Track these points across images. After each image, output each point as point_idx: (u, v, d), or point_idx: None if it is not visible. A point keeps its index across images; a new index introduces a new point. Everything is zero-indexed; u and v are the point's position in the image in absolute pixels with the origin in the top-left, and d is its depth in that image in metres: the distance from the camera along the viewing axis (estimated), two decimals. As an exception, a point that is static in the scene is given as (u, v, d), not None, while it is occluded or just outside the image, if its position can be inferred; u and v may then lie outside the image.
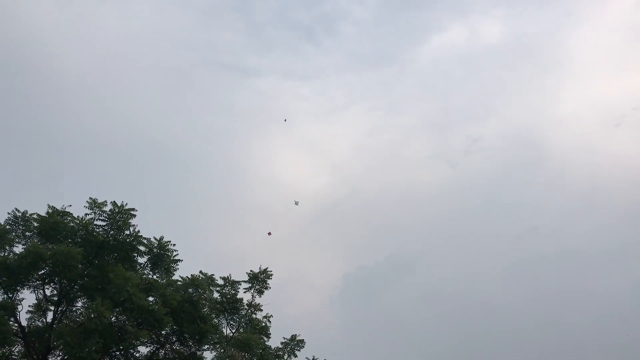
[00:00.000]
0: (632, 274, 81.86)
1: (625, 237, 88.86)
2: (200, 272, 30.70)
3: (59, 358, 27.02)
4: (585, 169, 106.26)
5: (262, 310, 32.91)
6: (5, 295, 27.16)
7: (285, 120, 70.09)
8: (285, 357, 32.26)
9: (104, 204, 27.73)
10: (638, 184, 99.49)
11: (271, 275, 33.22)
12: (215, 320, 31.14)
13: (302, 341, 32.76)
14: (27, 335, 27.25)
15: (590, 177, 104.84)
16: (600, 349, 67.80)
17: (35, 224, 28.01)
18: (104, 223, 27.80)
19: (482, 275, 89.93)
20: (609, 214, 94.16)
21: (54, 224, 27.23)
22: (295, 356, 32.39)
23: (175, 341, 29.34)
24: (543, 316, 78.72)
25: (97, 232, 27.69)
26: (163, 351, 29.70)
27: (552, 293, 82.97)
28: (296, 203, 36.97)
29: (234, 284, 32.39)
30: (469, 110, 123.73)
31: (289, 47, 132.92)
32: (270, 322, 32.96)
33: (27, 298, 28.21)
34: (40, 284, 27.97)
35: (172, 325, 27.70)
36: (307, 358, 32.04)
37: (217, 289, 31.78)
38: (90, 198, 27.67)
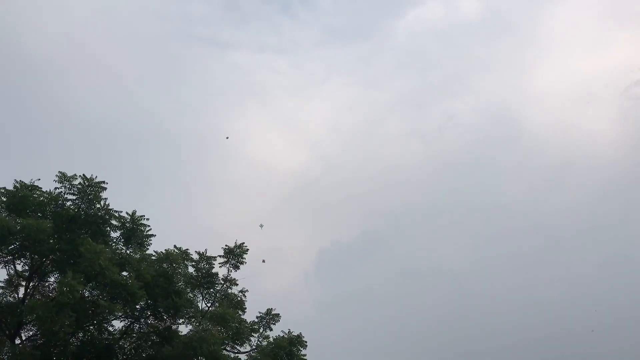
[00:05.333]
0: (601, 248, 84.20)
1: (595, 212, 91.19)
2: (175, 246, 30.58)
3: (31, 332, 26.89)
4: (557, 145, 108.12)
5: (237, 284, 33.04)
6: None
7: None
8: (261, 330, 32.50)
9: (74, 177, 27.40)
10: (607, 161, 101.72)
11: (247, 250, 33.22)
12: (190, 295, 31.15)
13: (277, 315, 32.99)
14: (-1, 310, 26.98)
15: (562, 154, 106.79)
16: (570, 319, 69.85)
17: (3, 199, 27.51)
18: (74, 197, 27.52)
19: (456, 250, 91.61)
20: (580, 190, 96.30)
21: (23, 198, 26.84)
22: (271, 330, 32.64)
23: (150, 315, 29.34)
24: (516, 290, 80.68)
25: (67, 206, 27.38)
26: (138, 325, 29.72)
27: (525, 267, 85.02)
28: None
29: (209, 259, 32.38)
30: (445, 87, 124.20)
31: (264, 20, 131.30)
32: (245, 296, 33.13)
33: (-2, 274, 27.92)
34: (10, 259, 27.65)
35: (146, 300, 27.66)
36: (282, 331, 32.32)
37: (192, 263, 31.72)
38: (60, 172, 27.30)
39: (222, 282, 32.41)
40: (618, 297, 71.83)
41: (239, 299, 32.74)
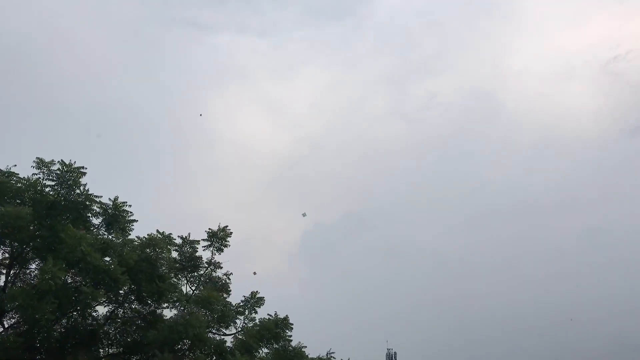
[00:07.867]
0: (581, 223, 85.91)
1: (574, 189, 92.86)
2: (157, 231, 30.43)
3: (13, 320, 26.74)
4: (537, 122, 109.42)
5: (222, 268, 33.10)
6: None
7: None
8: (246, 313, 32.62)
9: (52, 163, 27.05)
10: (587, 137, 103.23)
11: (230, 233, 33.17)
12: (174, 279, 31.14)
13: (261, 299, 33.09)
14: (-21, 299, 26.67)
15: (542, 131, 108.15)
16: (549, 292, 71.45)
17: (-21, 186, 27.05)
18: (53, 183, 27.19)
19: (438, 229, 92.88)
20: (560, 166, 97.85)
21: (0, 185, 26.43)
22: (256, 313, 32.78)
23: (134, 300, 29.32)
24: (498, 266, 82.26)
25: (47, 192, 27.07)
26: (122, 310, 29.70)
27: (507, 244, 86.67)
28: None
29: (192, 243, 32.34)
30: (426, 65, 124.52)
31: (244, 0, 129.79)
32: (230, 279, 33.22)
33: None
34: (-11, 247, 27.31)
35: (130, 285, 27.59)
36: (268, 314, 32.45)
37: (175, 248, 31.67)
38: (38, 157, 26.93)
39: (206, 266, 32.46)
40: (597, 270, 73.57)
41: (223, 282, 32.84)
